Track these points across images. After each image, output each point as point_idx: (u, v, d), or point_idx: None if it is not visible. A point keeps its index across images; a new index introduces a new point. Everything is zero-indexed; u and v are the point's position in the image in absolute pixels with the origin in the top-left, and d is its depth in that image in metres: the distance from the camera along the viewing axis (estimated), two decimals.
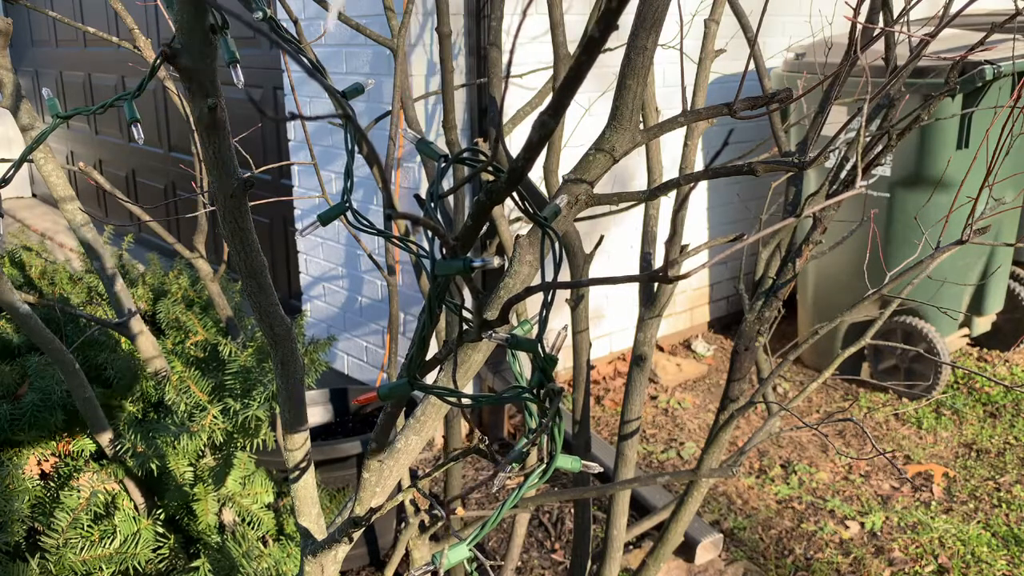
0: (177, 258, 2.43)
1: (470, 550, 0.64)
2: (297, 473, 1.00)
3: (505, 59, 2.45)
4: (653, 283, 1.53)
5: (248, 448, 1.85)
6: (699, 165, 3.62)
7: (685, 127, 1.33)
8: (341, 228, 3.48)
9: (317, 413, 2.66)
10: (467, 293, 0.63)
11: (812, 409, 3.46)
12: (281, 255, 4.07)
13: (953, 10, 1.01)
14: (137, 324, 1.85)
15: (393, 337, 2.02)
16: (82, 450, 1.80)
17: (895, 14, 1.19)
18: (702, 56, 1.54)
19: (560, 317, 3.26)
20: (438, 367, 0.78)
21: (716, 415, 1.41)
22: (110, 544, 1.61)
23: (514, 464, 0.57)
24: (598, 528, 2.60)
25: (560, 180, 1.59)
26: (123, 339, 2.04)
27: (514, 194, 0.66)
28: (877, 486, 2.91)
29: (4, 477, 1.63)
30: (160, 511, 1.79)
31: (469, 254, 0.64)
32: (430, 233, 0.55)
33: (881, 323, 1.37)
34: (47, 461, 1.78)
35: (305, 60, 0.63)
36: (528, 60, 3.01)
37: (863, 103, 0.89)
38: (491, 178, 0.68)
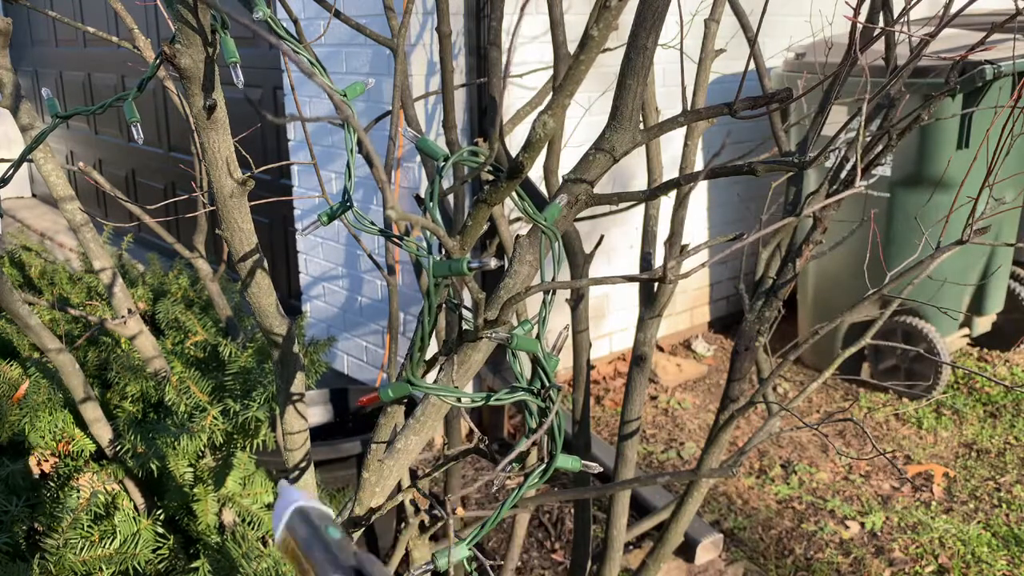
0: (177, 258, 2.43)
1: (470, 549, 0.64)
2: (297, 473, 1.00)
3: (505, 59, 2.45)
4: (653, 283, 1.53)
5: (248, 448, 1.85)
6: (699, 165, 3.62)
7: (685, 127, 1.33)
8: (341, 228, 3.48)
9: (317, 413, 2.66)
10: (467, 293, 0.63)
11: (812, 409, 3.46)
12: (281, 255, 4.07)
13: (953, 10, 1.01)
14: (136, 324, 1.85)
15: (393, 337, 2.02)
16: (82, 450, 1.80)
17: (895, 14, 1.18)
18: (702, 56, 1.54)
19: (560, 317, 3.26)
20: (438, 367, 0.77)
21: (716, 415, 1.41)
22: (110, 544, 1.61)
23: (514, 464, 0.57)
24: (598, 528, 2.60)
25: (560, 180, 1.59)
26: (123, 339, 2.04)
27: (514, 194, 0.66)
28: (877, 486, 2.91)
29: (4, 477, 1.63)
30: (160, 511, 1.79)
31: (468, 254, 0.64)
32: (429, 233, 0.55)
33: (881, 323, 1.36)
34: (47, 461, 1.78)
35: (304, 59, 0.63)
36: (529, 60, 3.01)
37: (863, 103, 0.89)
38: (491, 178, 0.68)
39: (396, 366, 2.18)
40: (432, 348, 2.66)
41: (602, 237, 1.62)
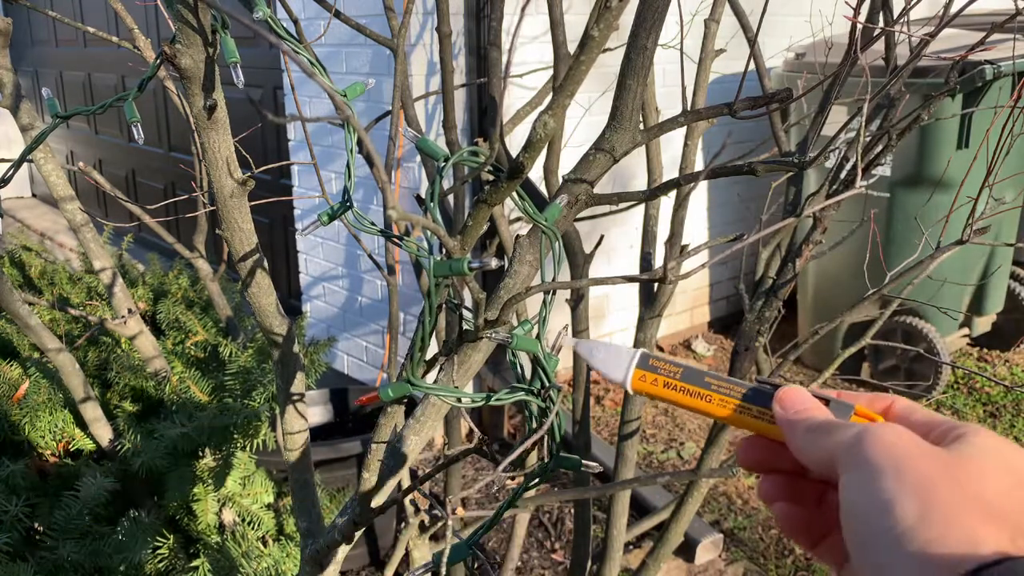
0: (177, 258, 2.43)
1: (470, 548, 0.64)
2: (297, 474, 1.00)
3: (505, 59, 2.45)
4: (653, 283, 1.53)
5: (248, 448, 1.85)
6: (699, 165, 3.62)
7: (685, 127, 1.33)
8: (341, 228, 3.48)
9: (317, 413, 2.66)
10: (468, 293, 0.63)
11: None
12: (281, 255, 4.07)
13: (953, 10, 1.00)
14: (137, 324, 1.85)
15: (393, 337, 2.02)
16: (82, 450, 1.80)
17: (895, 14, 1.18)
18: (702, 56, 1.54)
19: (560, 317, 3.26)
20: (438, 367, 0.77)
21: None
22: (110, 544, 1.61)
23: (512, 464, 0.57)
24: (598, 528, 2.60)
25: (560, 180, 1.59)
26: (123, 339, 2.04)
27: (514, 194, 0.66)
28: None
29: (4, 477, 1.63)
30: (160, 511, 1.79)
31: (469, 254, 0.64)
32: (429, 233, 0.55)
33: (881, 323, 1.36)
34: (47, 461, 1.78)
35: (304, 60, 0.63)
36: (529, 60, 3.01)
37: (863, 103, 0.89)
38: (491, 178, 0.68)
39: (396, 366, 2.18)
40: (432, 348, 2.66)
41: (602, 237, 1.62)
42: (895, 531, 0.36)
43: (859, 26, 0.98)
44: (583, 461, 0.63)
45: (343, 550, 0.97)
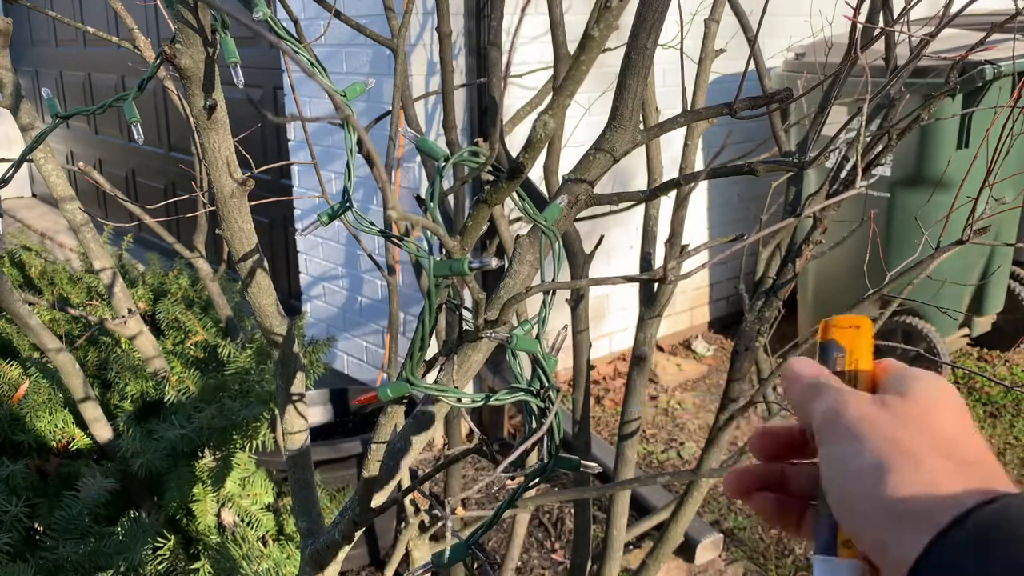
0: (177, 258, 2.43)
1: (469, 548, 0.64)
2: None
3: (505, 59, 2.45)
4: (653, 283, 1.53)
5: (248, 449, 1.85)
6: (699, 165, 3.62)
7: (685, 127, 1.33)
8: (341, 228, 3.48)
9: (317, 413, 2.66)
10: (468, 293, 0.63)
11: None
12: (281, 255, 4.07)
13: (953, 10, 1.01)
14: (137, 324, 1.85)
15: (393, 337, 2.02)
16: (82, 450, 1.80)
17: (895, 14, 1.18)
18: (702, 56, 1.54)
19: (560, 317, 3.25)
20: (438, 367, 0.77)
21: (716, 415, 1.41)
22: (110, 544, 1.61)
23: (513, 464, 0.57)
24: (598, 528, 2.60)
25: (560, 180, 1.59)
26: (123, 339, 2.04)
27: (514, 194, 0.66)
28: None
29: (4, 477, 1.63)
30: (160, 511, 1.79)
31: (469, 254, 0.64)
32: (429, 233, 0.55)
33: (881, 323, 1.36)
34: (47, 461, 1.78)
35: (304, 60, 0.63)
36: (529, 60, 3.01)
37: (863, 103, 0.89)
38: (491, 178, 0.68)
39: (396, 366, 2.17)
40: (433, 348, 2.66)
41: (602, 237, 1.62)
42: (872, 492, 0.40)
43: (859, 26, 0.98)
44: (582, 461, 0.63)
45: (343, 550, 0.97)
